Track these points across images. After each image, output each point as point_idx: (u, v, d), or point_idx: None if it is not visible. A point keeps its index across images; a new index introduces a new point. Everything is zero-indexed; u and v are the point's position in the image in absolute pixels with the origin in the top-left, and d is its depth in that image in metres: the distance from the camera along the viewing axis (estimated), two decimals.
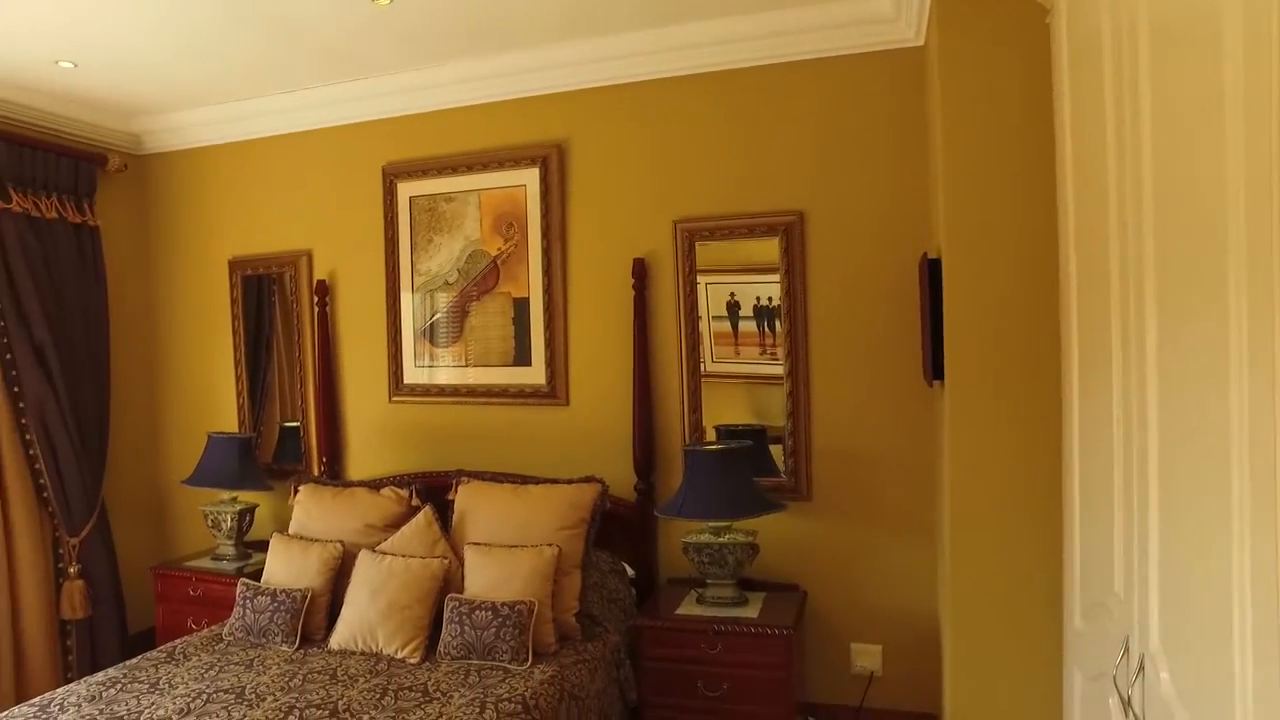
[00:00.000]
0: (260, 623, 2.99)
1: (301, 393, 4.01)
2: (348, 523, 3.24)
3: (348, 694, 2.51)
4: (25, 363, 3.61)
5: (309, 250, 3.98)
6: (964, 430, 2.34)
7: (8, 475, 3.56)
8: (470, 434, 3.68)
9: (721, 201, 3.30)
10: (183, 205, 4.31)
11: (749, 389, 3.35)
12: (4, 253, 3.56)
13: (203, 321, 4.27)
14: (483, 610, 2.75)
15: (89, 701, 2.51)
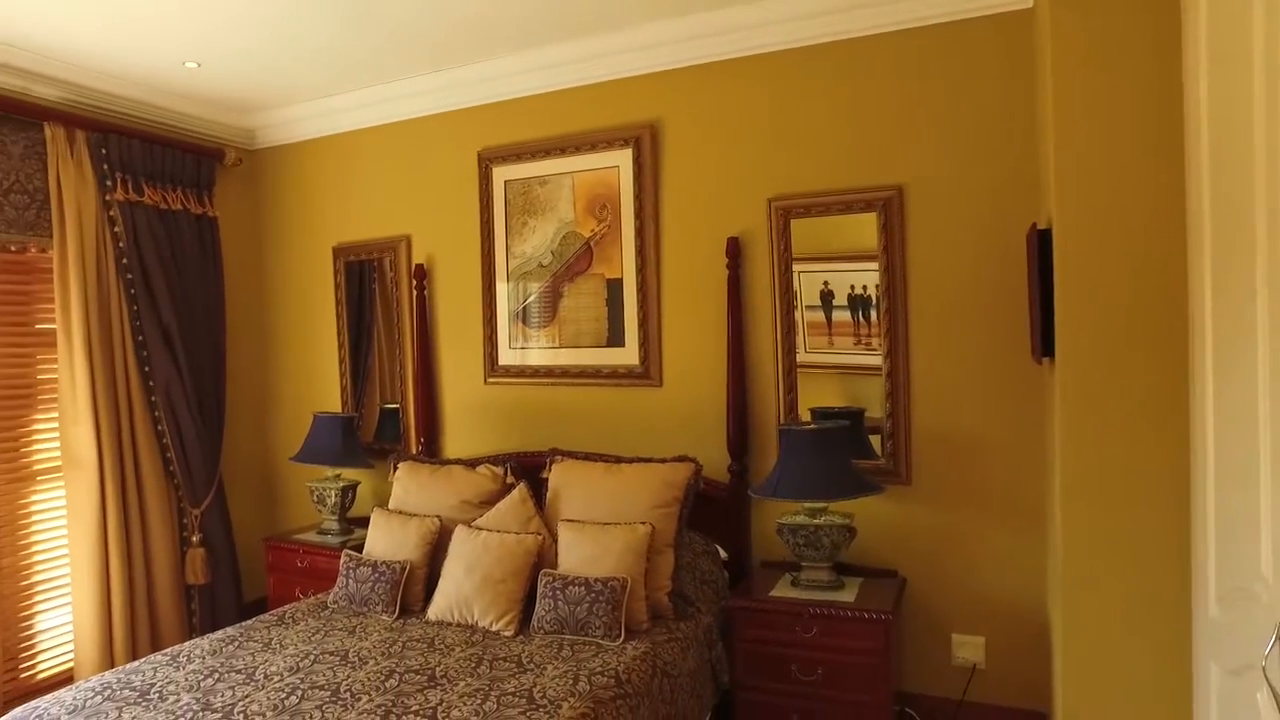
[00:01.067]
0: (362, 592, 3.10)
1: (400, 374, 4.14)
2: (444, 499, 3.33)
3: (445, 662, 2.57)
4: (154, 343, 3.85)
5: (408, 235, 4.10)
6: (1077, 409, 2.21)
7: (141, 448, 3.81)
8: (563, 415, 3.72)
9: (817, 178, 3.23)
10: (291, 196, 4.51)
11: (843, 379, 3.27)
12: (137, 241, 3.81)
13: (309, 306, 4.46)
14: (576, 586, 2.78)
15: (211, 655, 2.68)
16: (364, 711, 2.23)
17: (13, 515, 3.55)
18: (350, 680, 2.44)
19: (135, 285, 3.80)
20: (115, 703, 2.35)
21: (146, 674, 2.54)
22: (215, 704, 2.31)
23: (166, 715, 2.26)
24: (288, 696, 2.34)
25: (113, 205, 3.76)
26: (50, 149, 3.61)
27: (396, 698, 2.32)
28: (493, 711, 2.21)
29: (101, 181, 3.74)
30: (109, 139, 3.75)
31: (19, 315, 3.59)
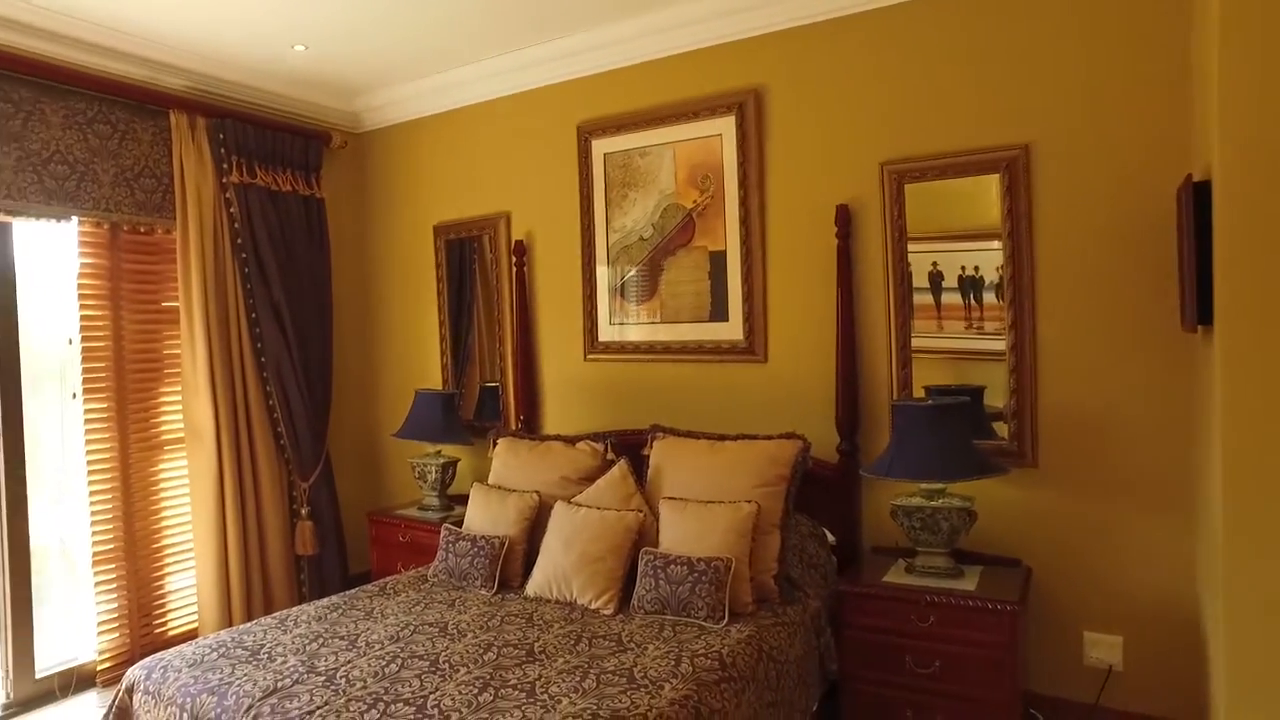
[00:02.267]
0: (461, 566, 3.10)
1: (500, 351, 4.14)
2: (544, 475, 3.29)
3: (543, 637, 2.53)
4: (266, 320, 3.97)
5: (507, 212, 4.09)
6: (1241, 381, 1.95)
7: (254, 422, 3.94)
8: (664, 391, 3.63)
9: (934, 139, 3.01)
10: (393, 176, 4.58)
11: (953, 365, 3.05)
12: (250, 222, 3.93)
13: (411, 285, 4.52)
14: (678, 565, 2.68)
15: (317, 620, 2.72)
16: (462, 683, 2.20)
17: (144, 482, 3.74)
18: (449, 652, 2.43)
19: (249, 264, 3.93)
20: (229, 660, 2.41)
21: (257, 635, 2.60)
22: (319, 667, 2.33)
23: (274, 675, 2.29)
24: (388, 664, 2.34)
25: (228, 187, 3.89)
26: (175, 135, 3.76)
27: (495, 671, 2.28)
28: (592, 689, 2.14)
29: (219, 165, 3.88)
30: (225, 124, 3.88)
31: (148, 293, 3.76)
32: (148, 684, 2.38)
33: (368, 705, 2.09)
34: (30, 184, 3.34)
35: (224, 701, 2.19)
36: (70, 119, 3.46)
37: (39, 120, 3.37)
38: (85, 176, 3.50)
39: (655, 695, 2.09)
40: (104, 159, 3.56)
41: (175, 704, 2.26)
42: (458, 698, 2.12)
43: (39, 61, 3.33)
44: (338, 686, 2.21)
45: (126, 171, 3.64)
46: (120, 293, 3.66)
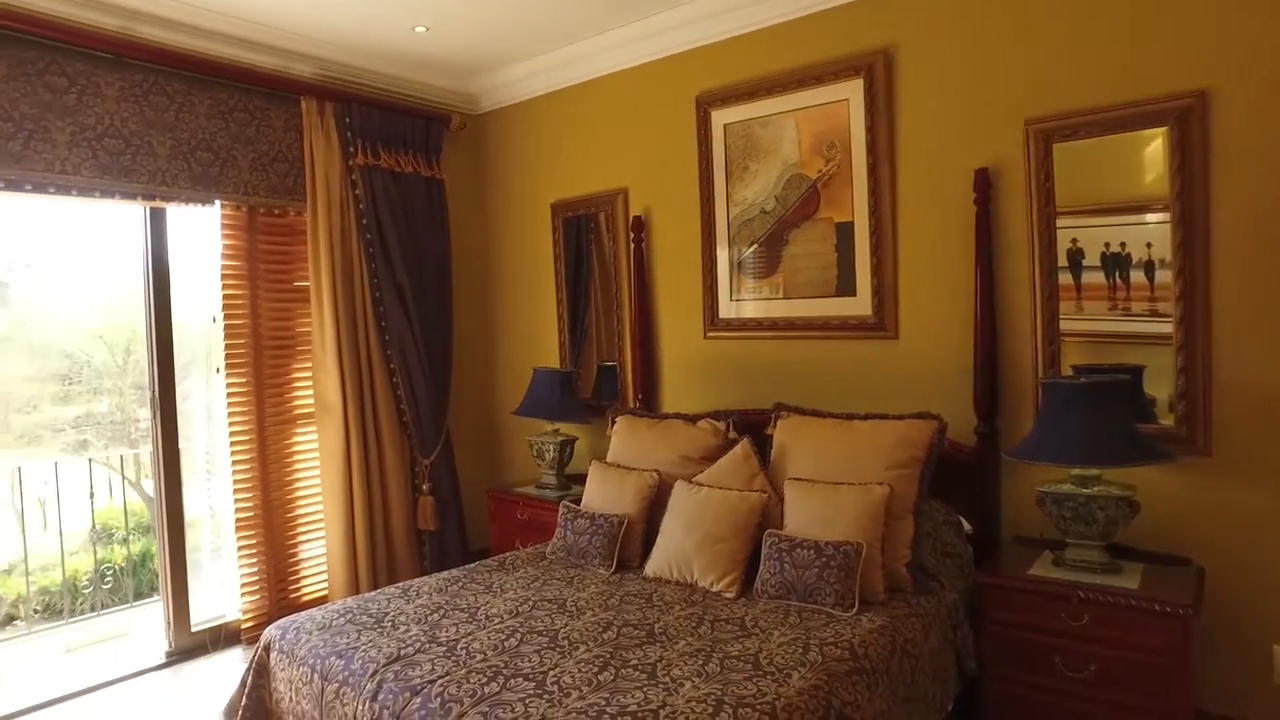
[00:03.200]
0: (580, 544, 3.07)
1: (618, 329, 4.09)
2: (663, 453, 3.21)
3: (663, 619, 2.45)
4: (390, 299, 4.07)
5: (625, 188, 4.03)
6: None
7: (379, 399, 4.06)
8: (787, 369, 3.48)
9: (1086, 90, 2.72)
10: (511, 156, 4.60)
11: (1098, 349, 2.77)
12: (374, 203, 4.03)
13: (529, 264, 4.54)
14: (804, 549, 2.55)
15: (438, 592, 2.75)
16: (581, 660, 2.16)
17: (280, 454, 3.91)
18: (568, 629, 2.39)
19: (373, 245, 4.03)
20: (355, 626, 2.46)
21: (381, 603, 2.65)
22: (440, 638, 2.34)
23: (397, 642, 2.31)
24: (507, 638, 2.33)
25: (354, 170, 4.00)
26: (305, 121, 3.89)
27: (614, 650, 2.22)
28: (715, 673, 2.05)
29: (345, 148, 3.99)
30: (351, 108, 3.99)
31: (281, 273, 3.92)
32: (282, 644, 2.46)
33: (488, 678, 2.07)
34: (181, 171, 3.53)
35: (350, 665, 2.23)
36: (215, 108, 3.63)
37: (189, 111, 3.55)
38: (226, 162, 3.67)
39: (783, 684, 1.98)
40: (243, 145, 3.72)
41: (306, 664, 2.33)
42: (577, 675, 2.07)
43: (189, 56, 3.50)
44: (458, 657, 2.21)
45: (262, 156, 3.79)
46: (257, 273, 3.82)
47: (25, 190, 3.17)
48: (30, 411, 10.08)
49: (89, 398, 10.05)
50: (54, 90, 3.20)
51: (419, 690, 2.04)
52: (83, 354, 9.97)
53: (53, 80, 3.19)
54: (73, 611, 4.82)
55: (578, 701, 1.93)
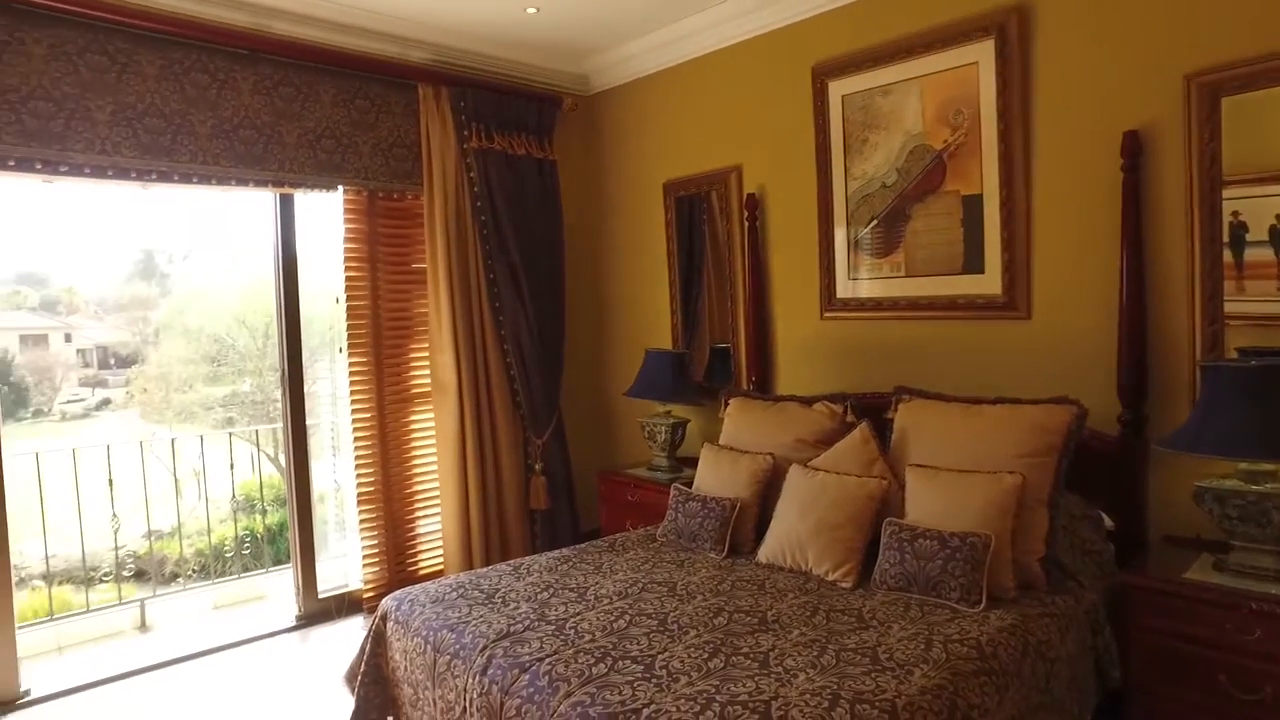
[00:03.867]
0: (691, 527, 3.02)
1: (731, 310, 3.99)
2: (777, 436, 3.11)
3: (776, 606, 2.37)
4: (504, 281, 4.13)
5: (738, 166, 3.92)
6: None
7: (492, 379, 4.13)
8: (909, 351, 3.30)
9: (1265, 34, 2.42)
10: (623, 136, 4.57)
11: (1264, 334, 2.46)
12: (489, 186, 4.09)
13: (641, 245, 4.50)
14: (927, 539, 2.40)
15: (548, 571, 2.76)
16: (691, 645, 2.10)
17: (398, 432, 4.04)
18: (678, 613, 2.34)
19: (487, 227, 4.09)
20: (467, 600, 2.49)
21: (493, 579, 2.68)
22: (549, 616, 2.34)
23: (507, 619, 2.33)
24: (616, 619, 2.30)
25: (469, 153, 4.06)
26: (422, 106, 3.98)
27: (725, 637, 2.16)
28: (831, 666, 1.96)
29: (460, 132, 4.05)
30: (466, 92, 4.05)
31: (399, 255, 4.03)
32: (398, 615, 2.52)
33: (596, 658, 2.05)
34: (307, 158, 3.68)
35: (461, 639, 2.25)
36: (337, 97, 3.76)
37: (314, 101, 3.69)
38: (349, 149, 3.80)
39: (904, 681, 1.86)
40: (363, 132, 3.84)
41: (420, 635, 2.38)
42: (687, 660, 2.02)
43: (314, 47, 3.64)
44: (567, 636, 2.20)
45: (382, 142, 3.90)
46: (377, 256, 3.95)
47: (174, 181, 3.38)
48: (186, 391, 10.91)
49: (234, 378, 10.79)
50: (198, 86, 3.38)
51: (527, 667, 2.04)
52: (228, 338, 10.70)
53: (197, 78, 3.38)
54: (220, 573, 5.19)
55: (686, 688, 1.88)
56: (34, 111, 3.04)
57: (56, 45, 3.08)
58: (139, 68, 3.25)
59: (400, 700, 2.49)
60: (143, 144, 3.26)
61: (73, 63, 3.11)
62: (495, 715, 2.00)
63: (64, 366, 10.95)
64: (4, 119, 2.98)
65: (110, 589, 5.26)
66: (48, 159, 3.08)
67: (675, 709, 1.78)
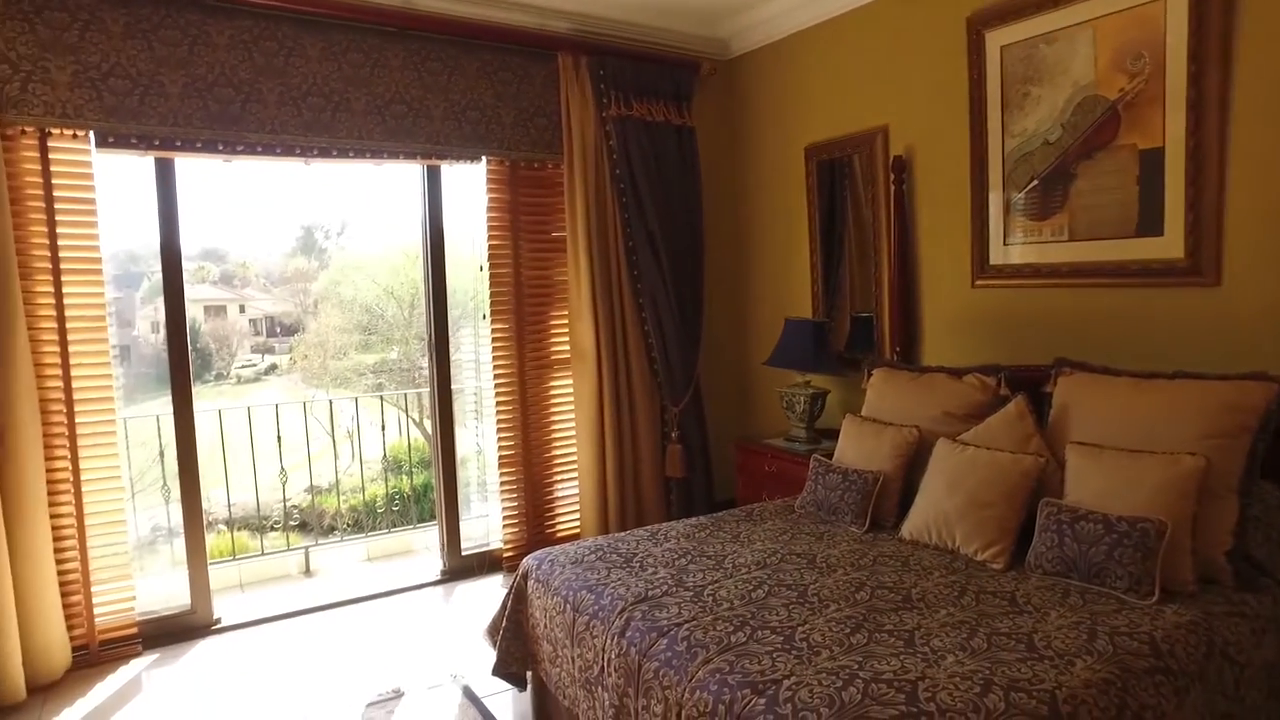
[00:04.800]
0: (831, 499, 2.94)
1: (876, 278, 3.83)
2: (923, 409, 2.97)
3: (921, 584, 2.27)
4: (642, 248, 4.13)
5: (884, 126, 3.73)
6: None
7: (630, 346, 4.16)
8: (1070, 321, 3.06)
9: None
10: (762, 99, 4.45)
11: None
12: (627, 153, 4.09)
13: (780, 211, 4.39)
14: (1090, 522, 2.23)
15: (685, 538, 2.76)
16: (833, 619, 2.05)
17: (538, 398, 4.15)
18: (818, 585, 2.29)
19: (626, 195, 4.10)
20: (606, 563, 2.54)
21: (630, 544, 2.71)
22: (687, 582, 2.34)
23: (645, 583, 2.35)
24: (754, 589, 2.27)
25: (607, 121, 4.07)
26: (562, 76, 4.01)
27: (868, 612, 2.09)
28: (982, 649, 1.85)
29: (599, 100, 4.06)
30: (605, 61, 4.05)
31: (540, 224, 4.11)
32: (538, 574, 2.60)
33: (734, 626, 2.03)
34: (453, 131, 3.80)
35: (600, 600, 2.29)
36: (481, 70, 3.86)
37: (459, 74, 3.80)
38: (492, 120, 3.89)
39: (1064, 671, 1.74)
40: (506, 103, 3.92)
41: (560, 595, 2.44)
42: (828, 634, 1.97)
43: (459, 21, 3.74)
44: (705, 603, 2.19)
45: (523, 113, 3.97)
46: (519, 224, 4.04)
47: (332, 156, 3.58)
48: (341, 358, 11.71)
49: (383, 346, 11.47)
50: (353, 65, 3.55)
51: (666, 631, 2.05)
52: (378, 308, 11.36)
53: (353, 57, 3.55)
54: (371, 527, 5.54)
55: (828, 661, 1.83)
56: (218, 97, 3.28)
57: (236, 35, 3.31)
58: (303, 50, 3.44)
59: (539, 655, 2.57)
60: (306, 122, 3.47)
61: (248, 50, 3.33)
62: (633, 676, 2.03)
63: (239, 334, 12.00)
64: (193, 105, 3.24)
65: (279, 537, 5.75)
66: (227, 139, 3.33)
67: (817, 682, 1.74)
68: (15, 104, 2.94)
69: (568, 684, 2.37)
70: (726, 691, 1.77)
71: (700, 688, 1.82)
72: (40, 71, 2.98)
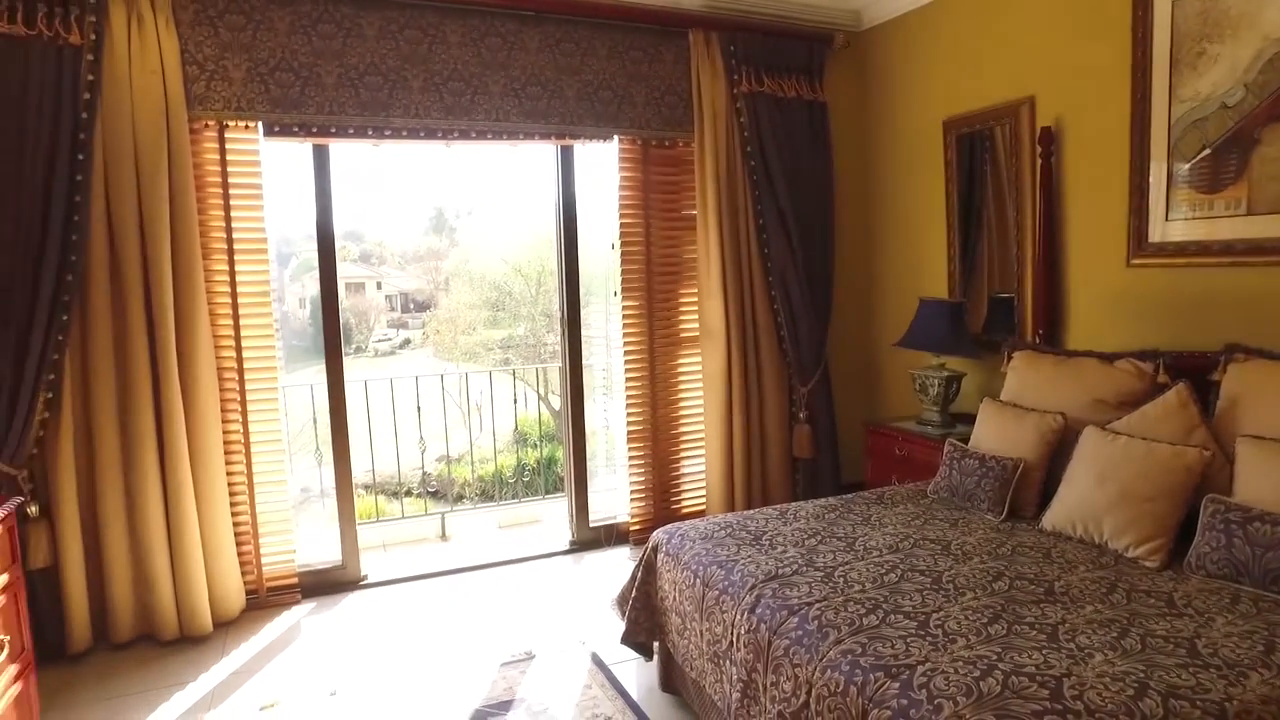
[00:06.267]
0: (966, 486, 2.84)
1: (1017, 257, 3.64)
2: (1070, 395, 2.82)
3: (1065, 578, 2.17)
4: (773, 226, 4.09)
5: (1030, 96, 3.52)
6: None
7: (759, 325, 4.14)
8: (1244, 303, 2.80)
9: None
10: (898, 72, 4.29)
11: None
12: (758, 130, 4.05)
13: (914, 188, 4.23)
14: (1266, 523, 2.06)
15: (814, 518, 2.75)
16: (969, 608, 2.00)
17: (667, 375, 4.20)
18: (953, 572, 2.23)
19: (757, 172, 4.06)
20: (735, 540, 2.56)
21: (760, 522, 2.72)
22: (817, 563, 2.33)
23: (775, 561, 2.35)
24: (887, 573, 2.24)
25: (738, 98, 4.03)
26: (693, 53, 4.00)
27: (1007, 603, 2.02)
28: (1135, 651, 1.76)
29: (730, 76, 4.03)
30: (736, 36, 4.00)
31: (670, 202, 4.13)
32: (668, 547, 2.65)
33: (866, 609, 2.01)
34: (585, 110, 3.87)
35: (730, 576, 2.32)
36: (613, 50, 3.90)
37: (591, 54, 3.86)
38: (623, 100, 3.93)
39: (1235, 683, 1.63)
40: (637, 82, 3.95)
41: (690, 569, 2.48)
42: (964, 622, 1.92)
43: (591, 2, 3.78)
44: (836, 584, 2.18)
45: (654, 91, 3.99)
46: (649, 203, 4.08)
47: (471, 138, 3.72)
48: (470, 333, 12.21)
49: (510, 322, 11.87)
50: (491, 49, 3.67)
51: (796, 610, 2.05)
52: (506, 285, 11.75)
53: (491, 41, 3.67)
54: (501, 497, 5.79)
55: (964, 650, 1.79)
56: (368, 85, 3.47)
57: (384, 26, 3.48)
58: (444, 37, 3.58)
59: (667, 627, 2.63)
60: (446, 106, 3.61)
61: (395, 40, 3.50)
62: (762, 653, 2.05)
63: (376, 310, 12.72)
64: (347, 94, 3.44)
65: (414, 502, 6.10)
66: (376, 125, 3.51)
67: (953, 670, 1.70)
68: (200, 100, 3.22)
69: (695, 656, 2.42)
70: (859, 673, 1.76)
71: (832, 667, 1.82)
72: (220, 70, 3.24)
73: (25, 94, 2.86)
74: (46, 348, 2.91)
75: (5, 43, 2.83)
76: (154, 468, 3.15)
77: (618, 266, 4.07)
